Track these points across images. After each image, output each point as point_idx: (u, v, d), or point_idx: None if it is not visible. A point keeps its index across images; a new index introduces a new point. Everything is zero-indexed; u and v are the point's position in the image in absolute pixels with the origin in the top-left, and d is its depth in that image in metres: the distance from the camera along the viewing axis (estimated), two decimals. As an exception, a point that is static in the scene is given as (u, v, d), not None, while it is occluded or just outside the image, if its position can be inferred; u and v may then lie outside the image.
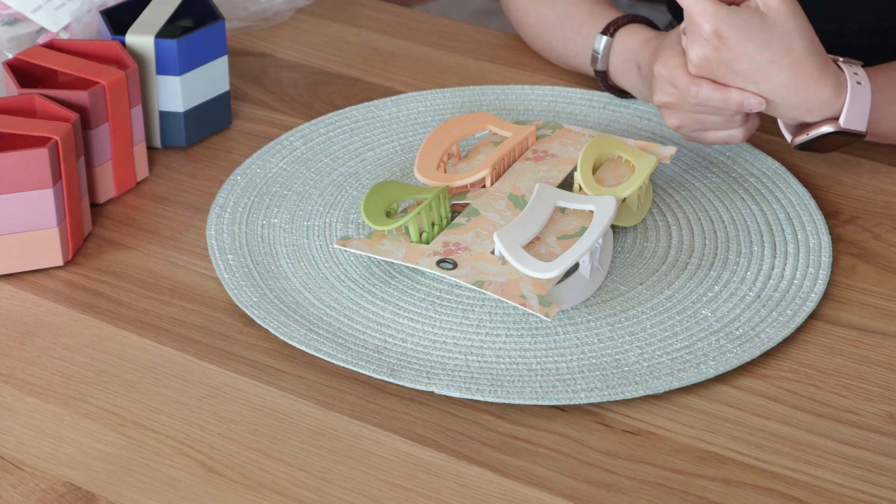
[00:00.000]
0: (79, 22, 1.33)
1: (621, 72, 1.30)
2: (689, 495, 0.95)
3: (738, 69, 1.13)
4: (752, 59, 1.12)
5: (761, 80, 1.13)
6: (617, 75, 1.31)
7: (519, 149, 1.21)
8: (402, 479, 0.96)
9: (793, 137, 1.20)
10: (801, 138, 1.18)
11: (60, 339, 1.08)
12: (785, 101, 1.15)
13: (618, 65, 1.30)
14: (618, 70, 1.30)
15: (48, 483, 0.96)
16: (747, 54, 1.12)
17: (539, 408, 1.02)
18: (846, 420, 1.01)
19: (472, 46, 1.46)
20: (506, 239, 1.08)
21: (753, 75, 1.13)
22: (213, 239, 1.17)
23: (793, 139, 1.20)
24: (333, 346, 1.06)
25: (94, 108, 1.18)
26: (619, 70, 1.30)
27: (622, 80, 1.30)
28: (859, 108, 1.16)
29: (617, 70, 1.30)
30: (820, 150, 1.20)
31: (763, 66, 1.13)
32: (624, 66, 1.29)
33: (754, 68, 1.13)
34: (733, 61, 1.13)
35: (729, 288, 1.12)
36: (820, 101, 1.15)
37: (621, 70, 1.30)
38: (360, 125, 1.32)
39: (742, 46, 1.12)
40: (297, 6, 1.50)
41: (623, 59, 1.29)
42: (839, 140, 1.18)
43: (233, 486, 0.95)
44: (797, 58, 1.13)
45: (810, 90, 1.14)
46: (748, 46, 1.12)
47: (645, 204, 1.19)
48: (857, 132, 1.16)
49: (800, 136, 1.19)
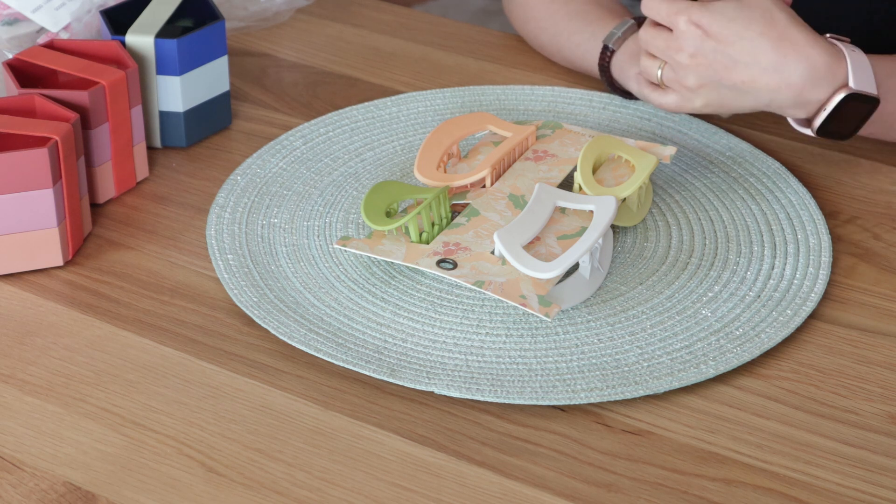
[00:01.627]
0: (79, 22, 1.33)
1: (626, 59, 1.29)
2: (689, 495, 0.95)
3: (732, 53, 1.15)
4: (741, 37, 1.14)
5: (760, 57, 1.14)
6: (622, 58, 1.29)
7: (519, 149, 1.21)
8: (402, 479, 0.96)
9: (804, 124, 1.20)
10: (820, 116, 1.17)
11: (60, 339, 1.08)
12: (790, 77, 1.15)
13: (626, 55, 1.29)
14: (624, 54, 1.29)
15: (48, 483, 0.96)
16: (735, 33, 1.14)
17: (539, 408, 1.02)
18: (846, 420, 1.01)
19: (472, 46, 1.46)
20: (506, 239, 1.08)
21: (750, 54, 1.15)
22: (213, 239, 1.17)
23: (811, 123, 1.19)
24: (333, 346, 1.06)
25: (94, 108, 1.18)
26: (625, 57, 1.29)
27: (625, 68, 1.29)
28: (863, 70, 1.16)
29: (624, 53, 1.29)
30: (842, 132, 1.19)
31: (754, 41, 1.14)
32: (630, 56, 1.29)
33: (747, 46, 1.14)
34: (724, 45, 1.14)
35: (729, 288, 1.12)
36: (823, 66, 1.15)
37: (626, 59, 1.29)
38: (360, 125, 1.32)
39: (726, 27, 1.14)
40: (297, 6, 1.50)
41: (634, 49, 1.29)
42: (857, 110, 1.17)
43: (233, 486, 0.95)
44: (784, 28, 1.15)
45: (810, 55, 1.15)
46: (732, 26, 1.14)
47: (645, 204, 1.19)
48: (870, 95, 1.16)
49: (817, 116, 1.18)
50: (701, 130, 1.30)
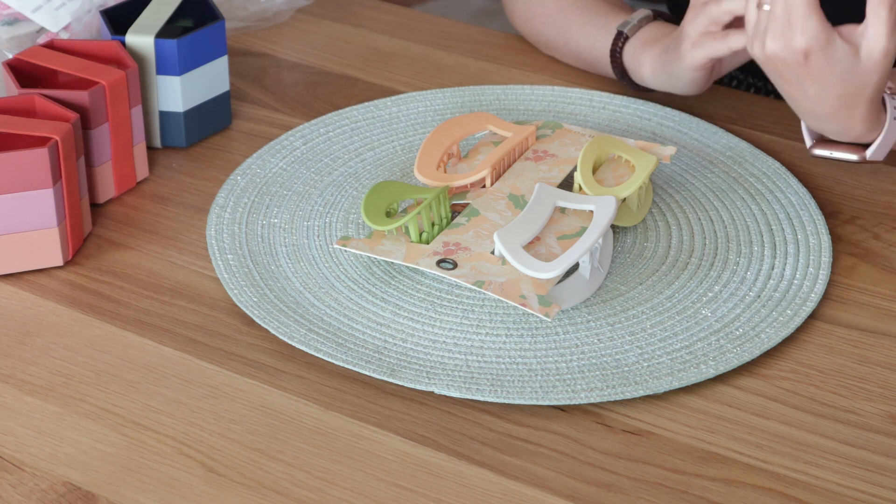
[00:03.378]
0: (79, 22, 1.33)
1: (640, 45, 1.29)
2: (689, 495, 0.95)
3: (804, 85, 1.12)
4: (823, 87, 1.12)
5: (816, 103, 1.13)
6: (637, 45, 1.29)
7: (519, 149, 1.21)
8: (402, 479, 0.96)
9: (813, 143, 1.20)
10: (823, 153, 1.19)
11: (60, 339, 1.08)
12: (821, 123, 1.16)
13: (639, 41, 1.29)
14: (638, 41, 1.29)
15: (48, 483, 0.96)
16: (822, 82, 1.11)
17: (539, 408, 1.02)
18: (846, 420, 1.01)
19: (472, 46, 1.46)
20: (506, 239, 1.08)
21: (813, 96, 1.13)
22: (213, 239, 1.17)
23: (812, 147, 1.20)
24: (333, 346, 1.06)
25: (94, 108, 1.18)
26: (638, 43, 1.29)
27: (638, 54, 1.30)
28: (888, 143, 1.16)
29: (638, 40, 1.29)
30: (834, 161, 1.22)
31: (829, 95, 1.12)
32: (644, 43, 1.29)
33: (819, 94, 1.12)
34: (805, 78, 1.12)
35: (729, 288, 1.12)
36: (856, 134, 1.16)
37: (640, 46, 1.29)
38: (360, 125, 1.32)
39: (823, 76, 1.11)
40: (297, 6, 1.50)
41: (655, 35, 1.29)
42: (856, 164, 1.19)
43: (233, 486, 0.95)
44: (860, 103, 1.13)
45: (853, 125, 1.15)
46: (827, 78, 1.11)
47: (645, 204, 1.19)
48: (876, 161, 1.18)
49: (822, 149, 1.19)
50: (701, 130, 1.30)
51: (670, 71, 1.26)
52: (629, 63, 1.31)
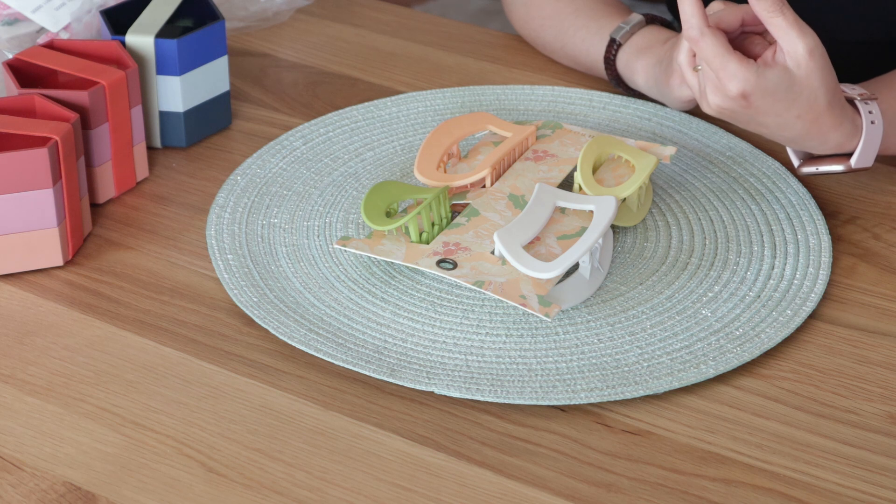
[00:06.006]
0: (79, 22, 1.33)
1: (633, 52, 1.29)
2: (689, 495, 0.95)
3: (761, 122, 1.13)
4: (779, 115, 1.13)
5: (784, 131, 1.14)
6: (630, 53, 1.29)
7: (519, 149, 1.21)
8: (402, 479, 0.96)
9: (800, 163, 1.21)
10: (810, 170, 1.20)
11: (60, 339, 1.08)
12: (799, 144, 1.16)
13: (632, 49, 1.29)
14: (631, 48, 1.29)
15: (48, 483, 0.96)
16: (774, 111, 1.12)
17: (539, 408, 1.02)
18: (846, 420, 1.01)
19: (471, 46, 1.47)
20: (506, 239, 1.08)
21: (776, 128, 1.14)
22: (213, 239, 1.17)
23: (800, 166, 1.21)
24: (333, 346, 1.06)
25: (94, 108, 1.18)
26: (631, 50, 1.29)
27: (631, 62, 1.30)
28: (871, 148, 1.17)
29: (631, 47, 1.29)
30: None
31: (788, 120, 1.13)
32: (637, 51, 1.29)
33: (779, 122, 1.13)
34: (758, 116, 1.13)
35: (729, 288, 1.12)
36: (835, 144, 1.16)
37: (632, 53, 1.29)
38: (360, 125, 1.32)
39: (772, 107, 1.12)
40: (297, 6, 1.50)
41: (648, 41, 1.29)
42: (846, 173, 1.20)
43: (233, 486, 0.95)
44: (820, 111, 1.13)
45: (828, 136, 1.15)
46: (776, 106, 1.12)
47: (645, 204, 1.19)
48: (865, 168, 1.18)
49: (808, 167, 1.20)
50: (701, 130, 1.30)
51: (661, 90, 1.27)
52: (623, 70, 1.31)
